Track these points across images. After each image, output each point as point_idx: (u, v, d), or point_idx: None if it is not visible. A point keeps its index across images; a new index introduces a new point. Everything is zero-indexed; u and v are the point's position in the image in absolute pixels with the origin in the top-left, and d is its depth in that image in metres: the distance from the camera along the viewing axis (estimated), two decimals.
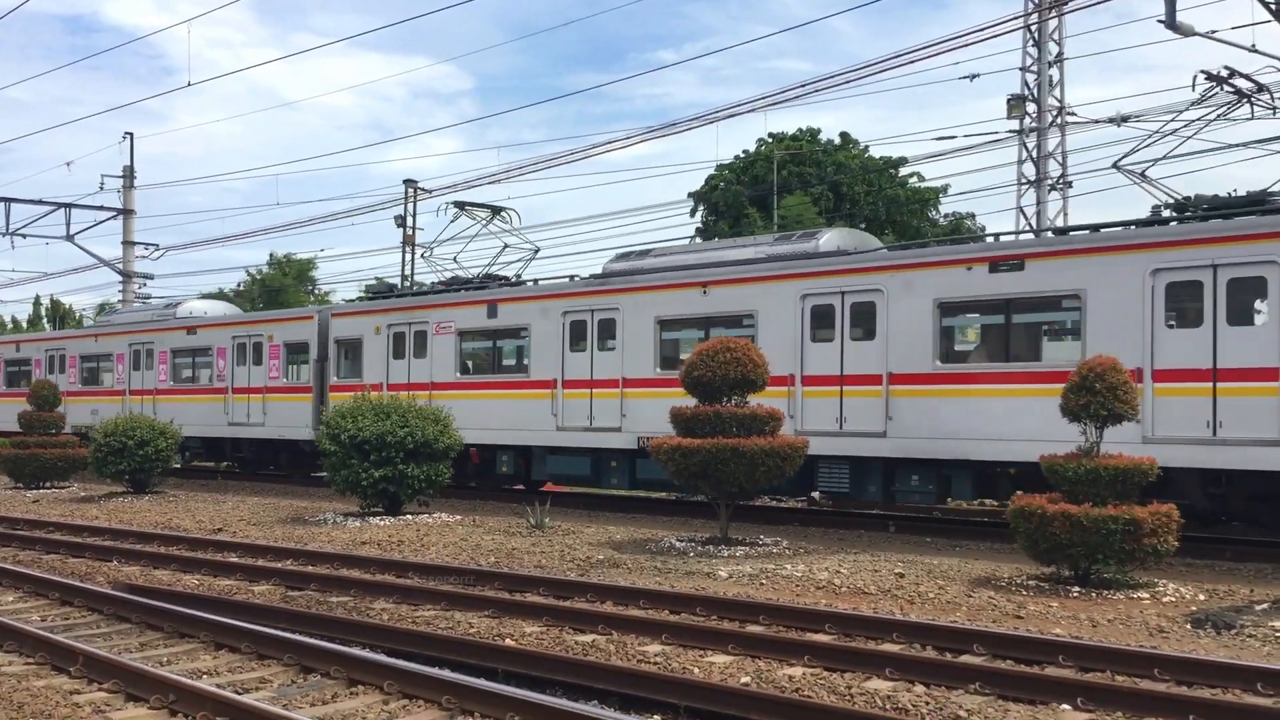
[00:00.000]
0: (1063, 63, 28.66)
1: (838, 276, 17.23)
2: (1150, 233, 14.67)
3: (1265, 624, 9.94)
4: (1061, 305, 15.46)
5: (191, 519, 19.73)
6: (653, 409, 18.22)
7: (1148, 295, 14.24)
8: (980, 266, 15.59)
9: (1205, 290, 13.82)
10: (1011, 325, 15.87)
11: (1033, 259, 15.29)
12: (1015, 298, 15.48)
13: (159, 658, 9.22)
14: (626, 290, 19.96)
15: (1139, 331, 14.27)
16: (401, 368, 23.73)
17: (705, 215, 48.11)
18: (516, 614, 10.70)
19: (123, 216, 44.77)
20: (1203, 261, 13.81)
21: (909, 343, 16.26)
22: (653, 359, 19.37)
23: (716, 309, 18.75)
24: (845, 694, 7.80)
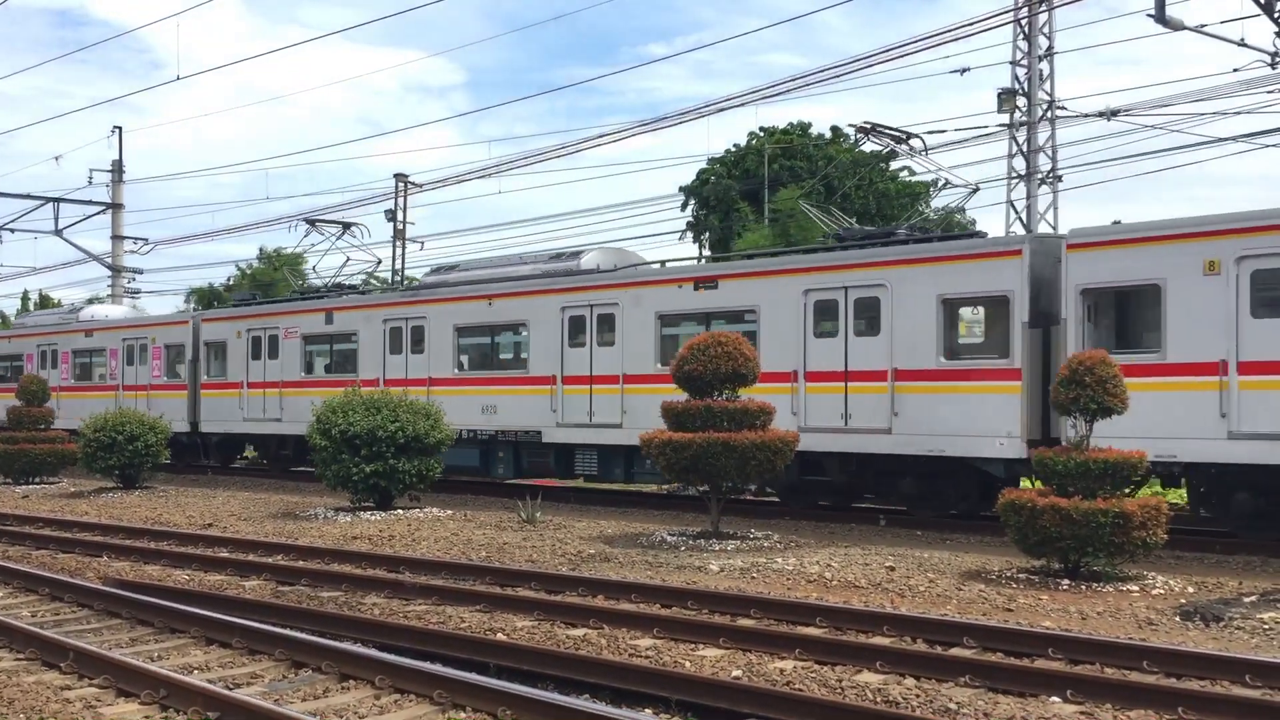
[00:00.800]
0: (1053, 57, 28.68)
1: (587, 292, 20.54)
2: (803, 260, 18.52)
3: (1253, 616, 9.99)
4: (744, 318, 18.56)
5: (181, 514, 19.70)
6: (452, 403, 21.51)
7: (801, 311, 17.60)
8: (689, 285, 19.16)
9: (840, 307, 17.23)
10: None
11: (724, 279, 18.91)
12: (714, 310, 18.92)
13: (149, 653, 9.21)
14: (432, 301, 23.22)
15: (796, 340, 17.66)
16: (258, 368, 26.52)
17: (696, 209, 48.11)
18: (508, 608, 10.71)
19: (111, 211, 44.64)
20: (838, 284, 17.30)
21: (639, 349, 19.58)
22: (452, 361, 22.63)
23: (499, 318, 22.02)
24: (836, 687, 7.82)
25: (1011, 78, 28.72)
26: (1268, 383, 13.36)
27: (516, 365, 21.70)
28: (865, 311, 17.03)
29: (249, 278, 57.27)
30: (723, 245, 44.93)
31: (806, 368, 17.43)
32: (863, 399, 16.85)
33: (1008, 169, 29.02)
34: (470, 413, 21.74)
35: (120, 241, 44.71)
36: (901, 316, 16.56)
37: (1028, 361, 15.46)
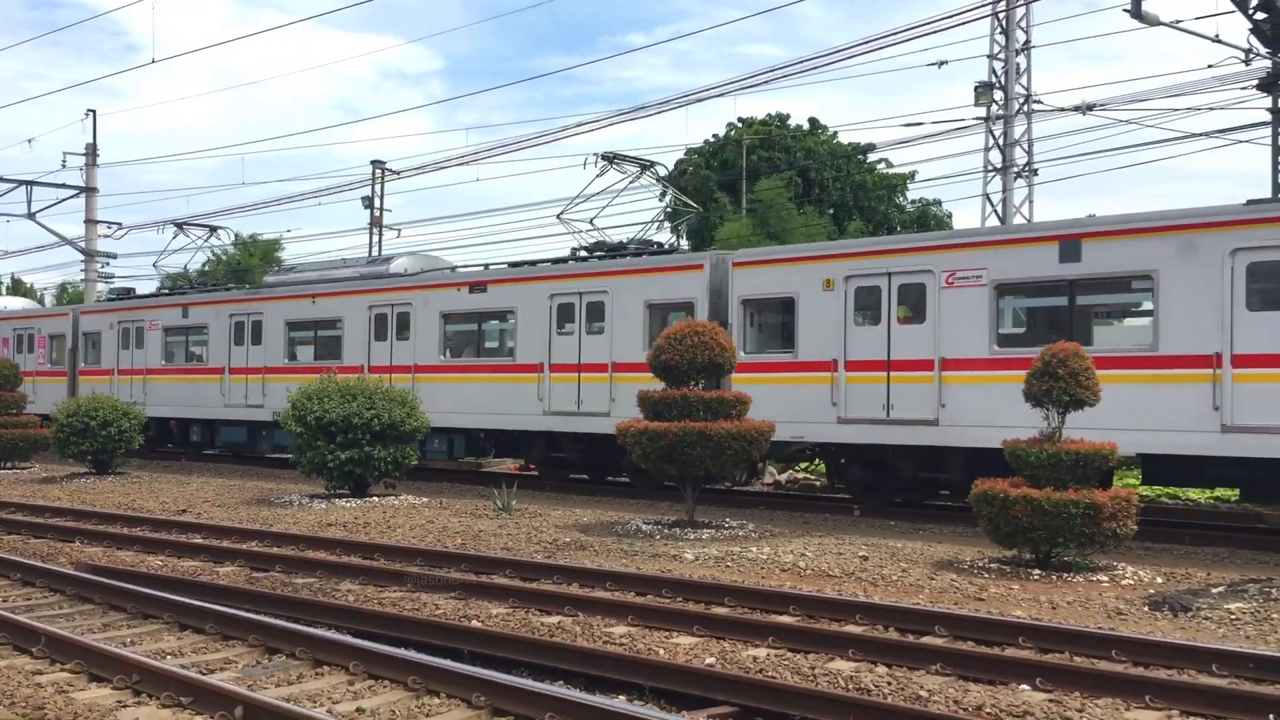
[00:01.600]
0: (1030, 51, 28.83)
1: (389, 293, 23.58)
2: (550, 269, 21.32)
3: (1221, 606, 10.11)
4: (506, 318, 21.79)
5: (155, 500, 19.60)
6: (280, 390, 23.66)
7: (548, 312, 20.60)
8: (465, 289, 22.27)
9: (575, 309, 20.32)
10: (483, 331, 22.65)
11: (491, 284, 21.92)
12: (484, 311, 22.14)
13: (122, 638, 9.17)
14: (268, 299, 26.23)
15: (545, 337, 20.61)
16: (127, 357, 29.55)
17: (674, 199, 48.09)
18: (483, 596, 10.72)
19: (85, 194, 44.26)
20: (574, 290, 20.36)
21: (428, 342, 22.67)
22: (283, 352, 25.58)
23: (320, 315, 24.97)
24: (809, 674, 7.87)
25: (989, 71, 28.85)
26: (867, 378, 16.81)
27: (335, 357, 24.32)
28: (594, 313, 20.17)
29: (224, 264, 56.88)
30: (700, 236, 44.98)
31: (551, 360, 20.56)
32: (592, 387, 19.95)
33: (984, 162, 29.16)
34: None
35: (94, 226, 44.35)
36: (620, 318, 19.77)
37: None
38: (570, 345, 20.30)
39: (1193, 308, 14.16)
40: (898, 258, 16.85)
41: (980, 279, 15.89)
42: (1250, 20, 20.78)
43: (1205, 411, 13.91)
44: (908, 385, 16.34)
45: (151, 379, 28.64)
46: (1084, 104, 26.52)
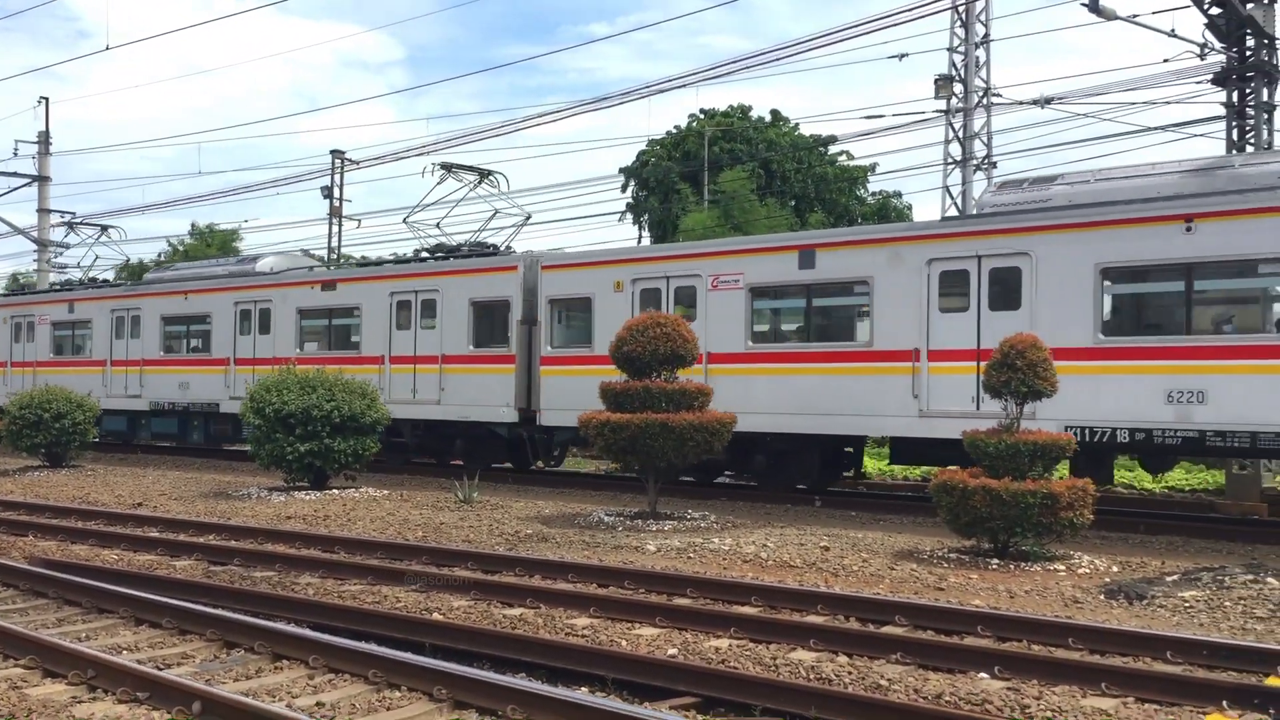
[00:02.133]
0: (989, 44, 29.04)
1: (254, 290, 25.51)
2: (391, 269, 23.36)
3: (1175, 595, 10.25)
4: (352, 313, 23.57)
5: (110, 493, 19.36)
6: (156, 381, 26.98)
7: (389, 308, 22.64)
8: (318, 287, 24.37)
9: (412, 305, 22.28)
10: (333, 326, 24.32)
11: (341, 283, 23.98)
12: (333, 307, 24.07)
13: (77, 633, 9.06)
14: (147, 295, 28.12)
15: (385, 331, 22.64)
16: (19, 349, 31.46)
17: (636, 190, 48.09)
18: (444, 588, 10.68)
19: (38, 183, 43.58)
20: (410, 289, 22.43)
21: (286, 335, 24.67)
22: (159, 345, 27.43)
23: (192, 311, 26.81)
24: (770, 665, 7.91)
25: (949, 64, 29.03)
26: None
27: (206, 350, 26.36)
28: (427, 310, 22.14)
29: (181, 254, 56.25)
30: (662, 227, 44.99)
31: (390, 352, 22.58)
32: (425, 378, 21.94)
33: (944, 154, 29.36)
34: (170, 389, 26.89)
35: (46, 215, 43.69)
36: (448, 314, 21.64)
37: (520, 349, 20.54)
38: (408, 339, 22.37)
39: (900, 309, 16.28)
40: (674, 263, 19.04)
41: (738, 282, 18.09)
42: (1205, 15, 21.02)
43: (908, 399, 16.08)
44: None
45: (41, 371, 30.35)
46: (1042, 97, 26.77)
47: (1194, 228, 14.07)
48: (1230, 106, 21.32)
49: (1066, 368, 13.79)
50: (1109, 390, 14.54)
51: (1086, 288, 14.79)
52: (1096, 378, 14.62)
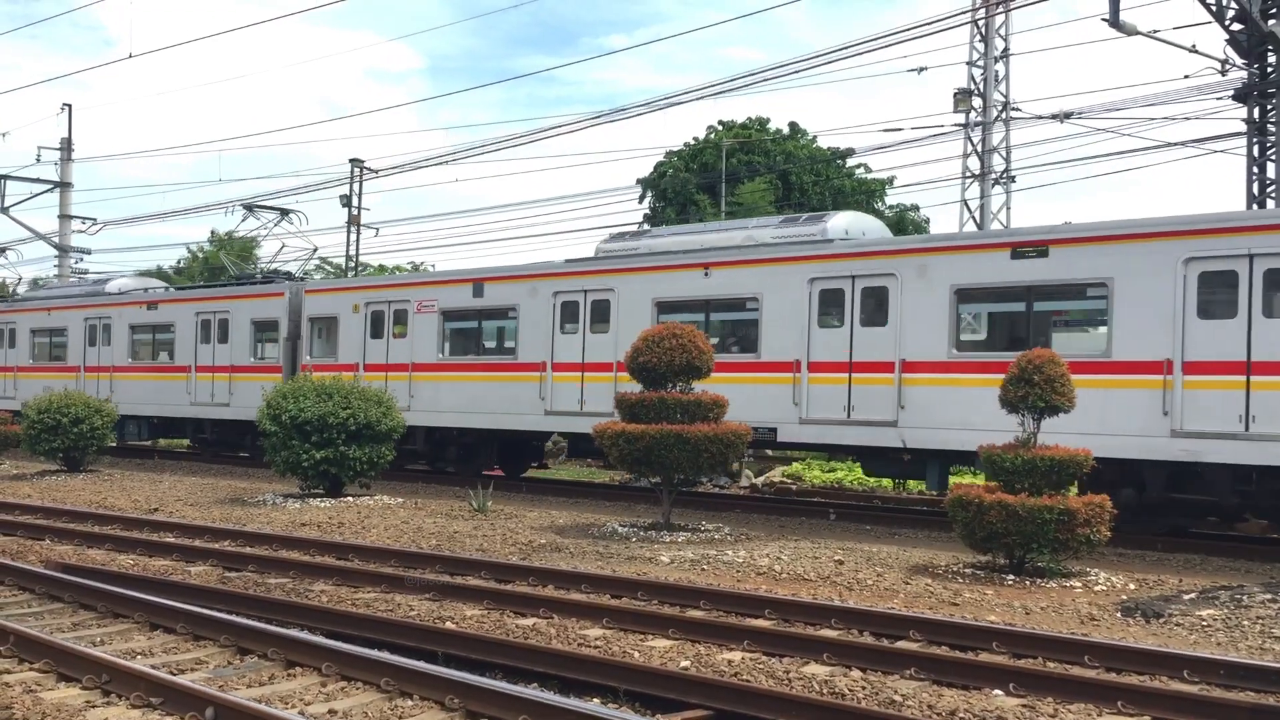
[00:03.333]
0: (1008, 58, 29.00)
1: (99, 308, 29.53)
2: (196, 294, 28.53)
3: (1192, 613, 10.18)
4: (170, 330, 27.77)
5: (127, 498, 19.44)
6: (32, 387, 28.87)
7: (195, 326, 26.76)
8: (145, 307, 28.39)
9: (211, 325, 26.40)
10: (156, 339, 28.31)
11: (161, 304, 28.41)
12: (156, 324, 28.14)
13: (92, 638, 9.08)
14: (21, 311, 32.31)
15: (192, 345, 26.73)
16: None
17: (654, 202, 48.12)
18: (457, 597, 10.68)
19: (59, 189, 43.89)
20: (211, 310, 26.60)
21: (121, 348, 28.61)
22: (29, 355, 31.57)
23: (53, 325, 30.94)
24: (783, 678, 7.87)
25: (968, 78, 29.00)
26: (376, 375, 22.82)
27: (64, 359, 30.47)
28: (222, 328, 26.30)
29: (200, 260, 56.55)
30: None
31: (196, 363, 26.70)
32: (221, 384, 25.88)
33: (963, 168, 29.30)
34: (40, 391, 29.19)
35: (68, 221, 44.01)
36: (236, 331, 25.94)
37: (285, 361, 25.01)
38: (208, 352, 26.55)
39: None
40: (391, 290, 23.77)
41: (434, 307, 22.46)
42: (1227, 31, 20.95)
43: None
44: (395, 382, 22.59)
45: None
46: (1062, 113, 26.71)
47: (710, 275, 18.53)
48: (1251, 123, 21.22)
49: None
50: None
51: None
52: None
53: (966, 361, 15.83)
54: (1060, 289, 15.63)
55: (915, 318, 16.22)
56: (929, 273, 16.15)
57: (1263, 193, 21.02)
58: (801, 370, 17.37)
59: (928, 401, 16.03)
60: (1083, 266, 15.18)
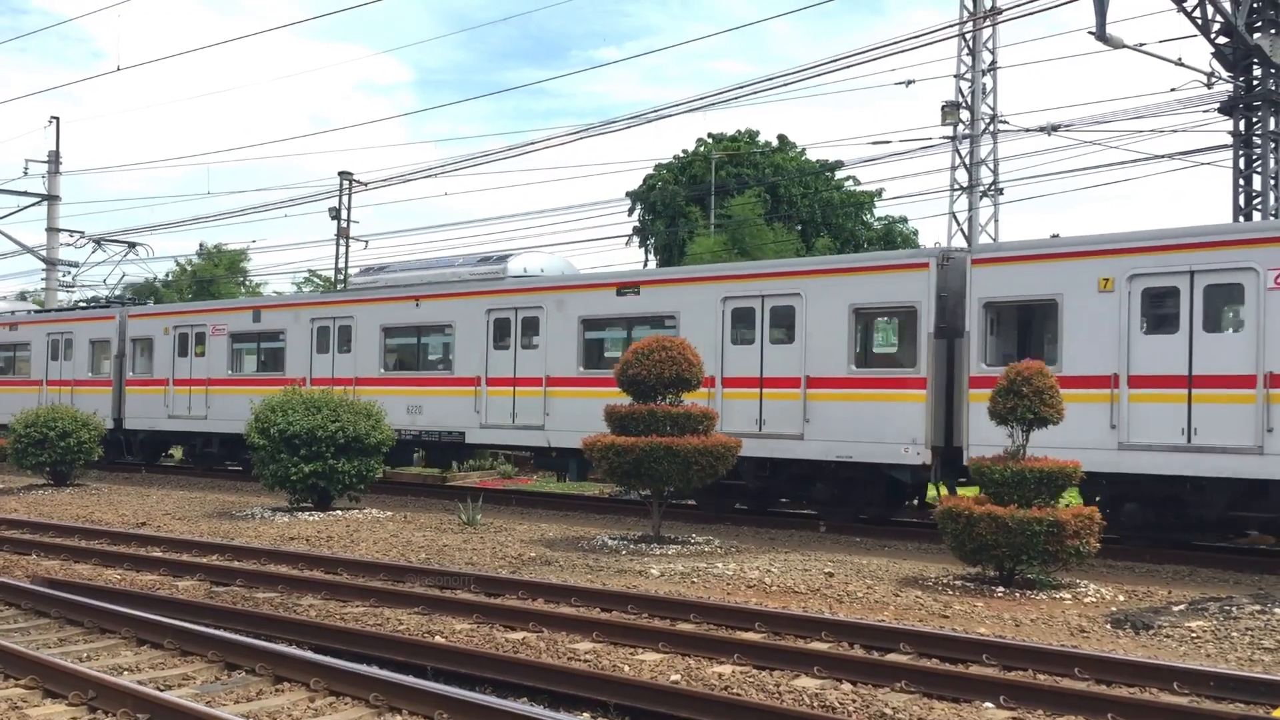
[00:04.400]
0: (996, 71, 29.13)
1: None
2: (46, 317, 31.90)
3: (1182, 625, 10.19)
4: (25, 349, 31.28)
5: (114, 512, 19.35)
6: None
7: (46, 345, 30.21)
8: (6, 328, 32.26)
9: (59, 344, 30.08)
10: (16, 356, 31.71)
11: (21, 325, 32.12)
12: (14, 344, 31.88)
13: (78, 653, 9.03)
14: None
15: (44, 361, 30.42)
16: None
17: (643, 214, 48.19)
18: (446, 611, 10.64)
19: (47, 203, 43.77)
20: (58, 331, 30.25)
21: (40, 362, 30.81)
22: None
23: None
24: (774, 692, 7.86)
25: (955, 91, 29.11)
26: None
27: None
28: (67, 346, 29.86)
29: (189, 274, 56.41)
30: (669, 250, 45.04)
31: (47, 377, 30.26)
32: (80, 397, 28.39)
33: (950, 181, 29.39)
34: None
35: (55, 234, 43.84)
36: (79, 351, 29.47)
37: (115, 377, 28.65)
38: (57, 368, 30.13)
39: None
40: (193, 315, 27.43)
41: (224, 330, 26.10)
42: (1213, 44, 21.07)
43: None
44: (196, 395, 26.32)
45: None
46: (1049, 125, 26.81)
47: (420, 305, 22.14)
48: (1237, 135, 21.34)
49: None
50: None
51: None
52: None
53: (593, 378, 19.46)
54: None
55: (557, 340, 20.15)
56: (565, 306, 20.14)
57: (1249, 205, 21.14)
58: (482, 385, 21.10)
59: (568, 410, 19.61)
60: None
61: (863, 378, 16.73)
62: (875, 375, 16.82)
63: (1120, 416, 14.38)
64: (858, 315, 16.94)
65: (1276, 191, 21.14)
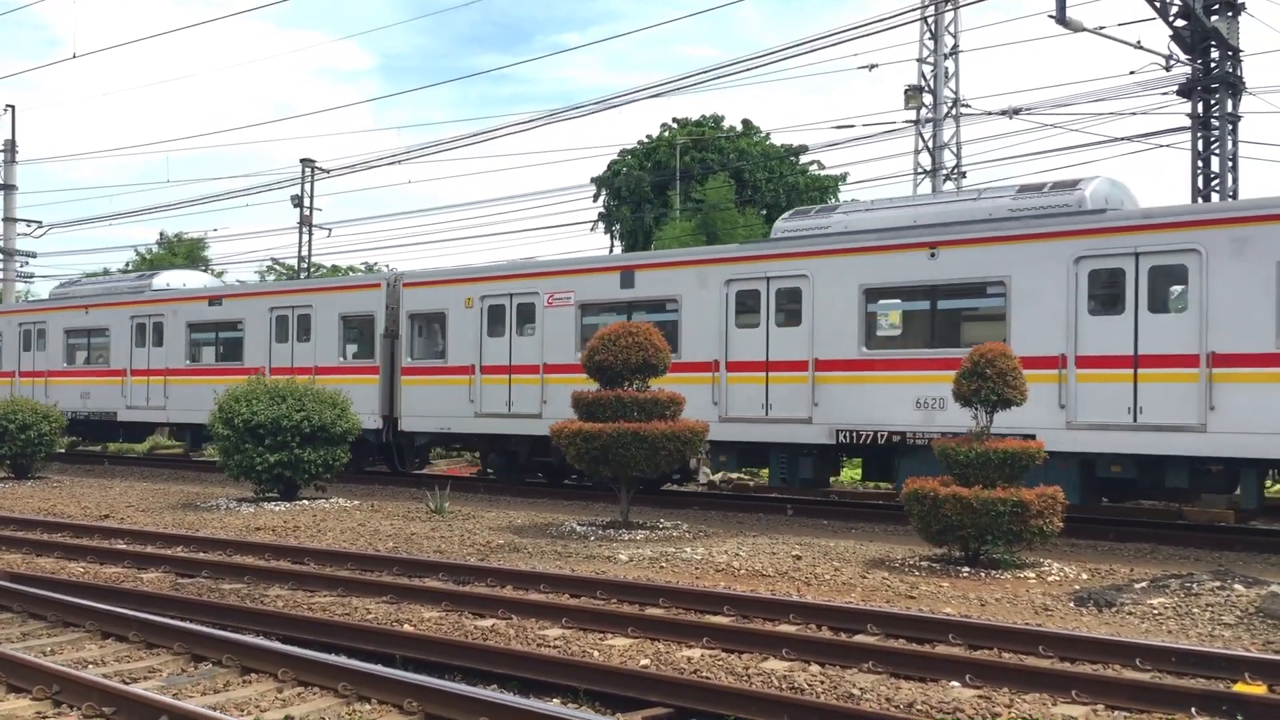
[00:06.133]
0: (958, 55, 29.25)
1: None
2: None
3: (1144, 601, 10.32)
4: None
5: (76, 505, 19.14)
6: None
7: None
8: None
9: None
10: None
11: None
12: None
13: (42, 647, 8.93)
14: None
15: None
16: None
17: (608, 200, 48.08)
18: (415, 599, 10.61)
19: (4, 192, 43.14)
20: None
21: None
22: None
23: None
24: (743, 674, 7.90)
25: (918, 75, 29.21)
26: None
27: None
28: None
29: (148, 262, 55.77)
30: (634, 237, 44.99)
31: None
32: None
33: (914, 164, 29.52)
34: None
35: (13, 224, 43.26)
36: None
37: None
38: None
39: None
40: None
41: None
42: (1171, 27, 21.26)
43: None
44: None
45: None
46: (1011, 108, 26.97)
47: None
48: (1195, 118, 21.56)
49: None
50: None
51: None
52: None
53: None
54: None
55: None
56: None
57: (1207, 186, 21.37)
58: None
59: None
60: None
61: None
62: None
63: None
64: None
65: (1234, 173, 21.38)
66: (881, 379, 16.19)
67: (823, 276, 16.78)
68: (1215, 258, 13.74)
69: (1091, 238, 14.66)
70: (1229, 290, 13.66)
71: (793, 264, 17.15)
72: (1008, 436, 12.73)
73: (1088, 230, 14.71)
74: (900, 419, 15.89)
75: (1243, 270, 13.59)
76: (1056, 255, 14.82)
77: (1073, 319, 14.73)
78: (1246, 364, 13.55)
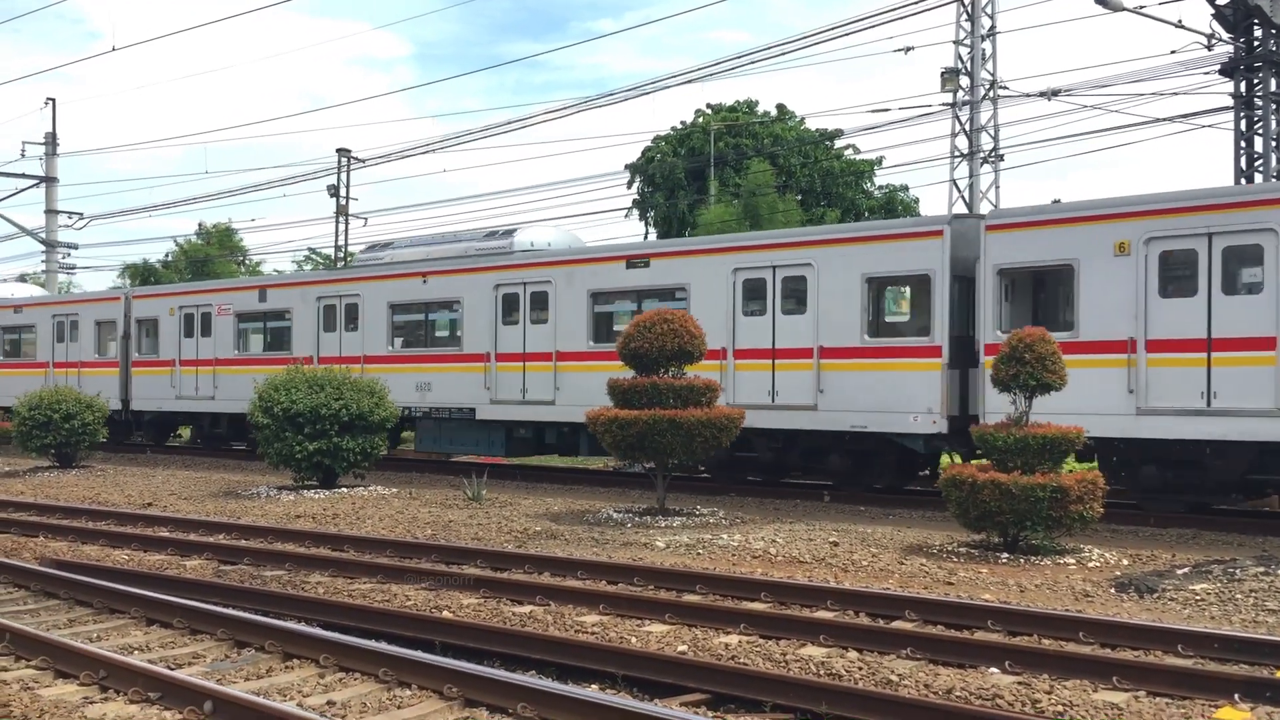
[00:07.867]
0: (995, 36, 28.92)
1: None
2: None
3: (1186, 588, 10.23)
4: None
5: (120, 493, 19.41)
6: None
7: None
8: None
9: None
10: None
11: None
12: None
13: (88, 634, 9.08)
14: None
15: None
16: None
17: (642, 187, 48.03)
18: (453, 586, 10.69)
19: (45, 184, 43.69)
20: None
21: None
22: None
23: None
24: (780, 660, 7.90)
25: (955, 57, 28.94)
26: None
27: None
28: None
29: (186, 254, 56.31)
30: (669, 223, 44.93)
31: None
32: None
33: (951, 148, 29.26)
34: None
35: (54, 216, 43.80)
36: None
37: None
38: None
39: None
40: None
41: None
42: (1213, 5, 20.96)
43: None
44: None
45: None
46: (1049, 90, 26.68)
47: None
48: (1238, 97, 21.25)
49: None
50: None
51: None
52: None
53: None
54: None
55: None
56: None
57: (1250, 167, 21.07)
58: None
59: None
60: None
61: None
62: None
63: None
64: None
65: (1278, 153, 21.05)
66: None
67: None
68: None
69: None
70: None
71: None
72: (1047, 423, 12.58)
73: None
74: None
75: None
76: None
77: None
78: None
